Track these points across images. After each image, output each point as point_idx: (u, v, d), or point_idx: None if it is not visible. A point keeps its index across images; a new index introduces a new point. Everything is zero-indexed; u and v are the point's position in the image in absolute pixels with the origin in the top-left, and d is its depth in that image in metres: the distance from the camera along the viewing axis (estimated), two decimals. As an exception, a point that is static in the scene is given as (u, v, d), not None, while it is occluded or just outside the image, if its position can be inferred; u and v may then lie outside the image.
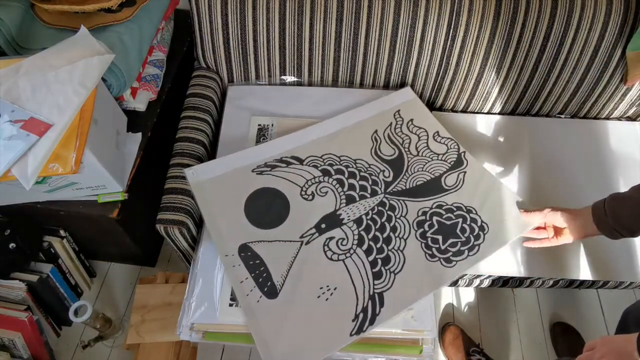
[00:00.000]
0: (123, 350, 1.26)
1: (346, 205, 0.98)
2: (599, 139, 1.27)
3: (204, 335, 0.88)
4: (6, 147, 0.82)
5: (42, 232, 1.19)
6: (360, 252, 0.92)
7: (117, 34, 1.03)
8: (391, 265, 0.91)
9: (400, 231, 0.96)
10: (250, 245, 0.92)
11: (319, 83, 1.23)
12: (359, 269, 0.90)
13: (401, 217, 0.98)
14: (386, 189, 1.02)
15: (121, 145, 1.07)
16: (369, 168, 1.05)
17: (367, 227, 0.95)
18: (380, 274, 0.90)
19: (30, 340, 1.14)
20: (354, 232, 0.95)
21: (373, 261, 0.91)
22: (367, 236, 0.94)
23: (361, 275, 0.89)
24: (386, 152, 1.08)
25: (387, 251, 0.93)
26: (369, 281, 0.89)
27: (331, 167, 1.04)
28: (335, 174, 1.03)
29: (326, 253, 0.92)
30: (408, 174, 1.04)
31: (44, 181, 0.92)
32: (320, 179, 1.02)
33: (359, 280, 0.89)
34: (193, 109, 1.14)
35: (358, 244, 0.93)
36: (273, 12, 1.08)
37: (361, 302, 0.86)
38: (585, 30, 1.10)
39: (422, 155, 1.08)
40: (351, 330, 0.83)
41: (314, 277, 0.89)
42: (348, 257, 0.91)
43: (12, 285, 1.13)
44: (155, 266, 1.45)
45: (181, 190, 1.00)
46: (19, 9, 1.05)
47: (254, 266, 0.89)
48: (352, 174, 1.03)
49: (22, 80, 0.88)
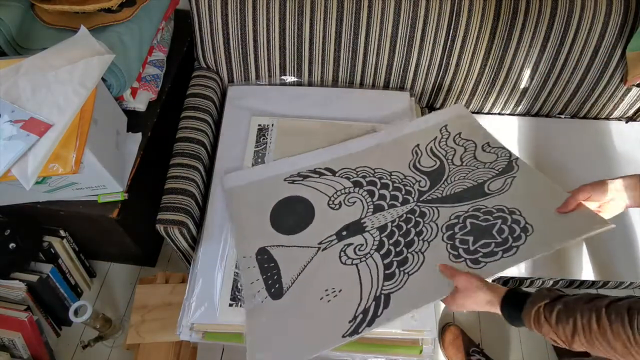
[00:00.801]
0: (123, 350, 1.26)
1: (372, 214, 0.95)
2: (599, 139, 1.27)
3: (203, 335, 0.89)
4: (6, 147, 0.82)
5: (42, 232, 1.19)
6: (376, 256, 0.89)
7: (117, 34, 1.03)
8: (407, 267, 0.86)
9: (426, 234, 0.90)
10: (269, 249, 0.92)
11: (319, 83, 1.23)
12: (371, 271, 0.87)
13: (430, 222, 0.92)
14: (419, 197, 0.97)
15: (121, 145, 1.07)
16: (405, 179, 1.01)
17: (391, 233, 0.92)
18: (392, 275, 0.85)
19: (30, 340, 1.14)
20: (375, 238, 0.91)
21: (388, 264, 0.87)
22: (388, 241, 0.91)
23: (371, 277, 0.86)
24: (426, 164, 1.04)
25: (407, 253, 0.88)
26: (378, 283, 0.85)
27: (364, 179, 1.02)
28: (366, 185, 1.00)
29: (341, 258, 0.90)
30: (447, 183, 0.99)
31: (44, 181, 0.92)
32: (350, 190, 1.00)
33: (367, 282, 0.85)
34: (193, 109, 1.14)
35: (377, 249, 0.90)
36: (273, 12, 1.08)
37: (364, 303, 0.83)
38: (585, 31, 1.10)
39: (466, 165, 1.02)
40: (345, 331, 0.80)
41: (322, 281, 0.87)
42: (362, 262, 0.88)
43: (12, 285, 1.13)
44: (155, 266, 1.45)
45: (181, 190, 1.00)
46: (19, 9, 1.05)
47: (268, 269, 0.90)
48: (385, 185, 1.00)
49: (22, 80, 0.88)
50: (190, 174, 1.03)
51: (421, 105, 1.30)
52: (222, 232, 0.98)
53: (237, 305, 0.89)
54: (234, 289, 0.91)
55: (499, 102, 1.27)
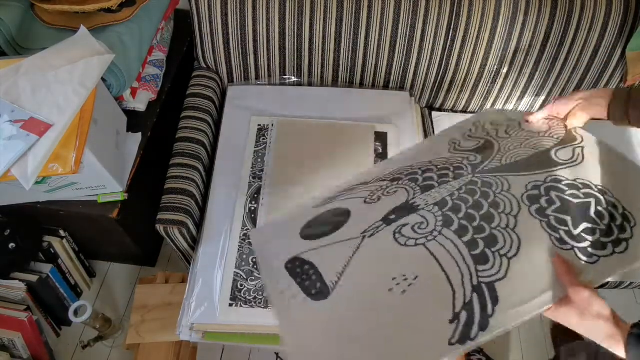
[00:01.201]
0: (123, 350, 1.26)
1: (422, 194, 0.74)
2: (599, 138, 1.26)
3: (204, 335, 0.89)
4: (6, 147, 0.82)
5: (42, 232, 1.19)
6: (448, 232, 0.66)
7: (117, 34, 1.03)
8: (500, 247, 0.63)
9: (504, 207, 0.67)
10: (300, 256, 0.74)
11: (319, 83, 1.23)
12: (451, 252, 0.63)
13: (502, 192, 0.69)
14: (475, 169, 0.75)
15: (121, 145, 1.07)
16: (450, 159, 0.79)
17: (455, 207, 0.69)
18: (485, 257, 0.62)
19: (30, 340, 1.14)
20: (437, 215, 0.69)
21: (470, 242, 0.64)
22: (456, 216, 0.68)
23: (455, 259, 0.62)
24: (468, 145, 0.83)
25: (490, 230, 0.65)
26: (467, 266, 0.61)
27: (401, 174, 0.81)
28: (406, 177, 0.80)
29: (398, 240, 0.67)
30: (502, 153, 0.77)
31: (44, 181, 0.92)
32: (388, 185, 0.80)
33: (451, 265, 0.62)
34: (193, 109, 1.14)
35: (444, 225, 0.67)
36: (273, 12, 1.08)
37: (460, 294, 0.59)
38: (585, 31, 1.10)
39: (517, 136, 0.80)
40: (451, 335, 0.56)
41: (381, 268, 0.67)
42: (431, 241, 0.65)
43: (12, 285, 1.13)
44: (155, 266, 1.45)
45: (181, 190, 1.00)
46: (19, 9, 1.05)
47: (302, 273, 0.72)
48: (428, 170, 0.79)
49: (22, 80, 0.88)
50: (190, 174, 1.03)
51: (421, 105, 1.30)
52: (222, 232, 0.98)
53: (237, 305, 0.89)
54: (234, 289, 0.91)
55: (499, 102, 1.27)
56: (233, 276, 0.93)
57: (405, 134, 1.14)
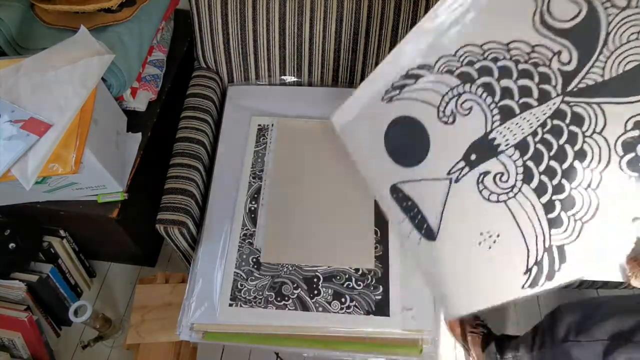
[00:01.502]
0: (123, 350, 1.26)
1: (501, 124, 0.69)
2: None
3: (204, 335, 0.89)
4: (6, 147, 0.82)
5: (42, 232, 1.19)
6: (527, 190, 0.67)
7: (117, 34, 1.04)
8: (577, 211, 0.63)
9: (591, 159, 0.61)
10: (400, 187, 0.81)
11: (319, 83, 1.23)
12: (528, 214, 0.68)
13: (593, 134, 0.61)
14: (565, 85, 0.62)
15: (121, 145, 1.07)
16: (532, 53, 0.65)
17: (536, 155, 0.66)
18: (559, 221, 0.65)
19: (30, 340, 1.14)
20: (517, 163, 0.68)
21: (548, 204, 0.66)
22: (536, 168, 0.66)
23: (531, 221, 0.68)
24: (561, 15, 0.62)
25: (570, 190, 0.63)
26: (542, 230, 0.67)
27: (471, 67, 0.71)
28: (479, 77, 0.70)
29: (482, 192, 0.72)
30: (608, 50, 0.58)
31: (44, 181, 0.92)
32: (459, 90, 0.73)
33: (528, 227, 0.68)
34: (193, 109, 1.14)
35: (524, 180, 0.68)
36: (273, 12, 1.08)
37: (533, 254, 0.68)
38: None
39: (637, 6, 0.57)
40: (523, 283, 0.69)
41: (471, 221, 0.74)
42: (511, 198, 0.69)
43: (12, 285, 1.13)
44: (155, 266, 1.44)
45: (181, 190, 1.00)
46: (19, 9, 1.05)
47: (407, 208, 0.80)
48: (505, 69, 0.68)
49: (22, 80, 0.88)
50: (190, 174, 1.03)
51: (421, 105, 1.30)
52: (222, 232, 0.98)
53: (237, 305, 0.89)
54: (234, 289, 0.92)
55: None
56: (233, 276, 0.93)
57: (405, 134, 1.14)
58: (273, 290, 0.92)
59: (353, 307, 0.90)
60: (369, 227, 0.99)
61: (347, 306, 0.90)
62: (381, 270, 0.94)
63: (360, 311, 0.90)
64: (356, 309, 0.90)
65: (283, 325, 0.89)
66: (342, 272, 0.94)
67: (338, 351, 0.88)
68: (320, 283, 0.93)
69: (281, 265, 0.95)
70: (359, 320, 0.89)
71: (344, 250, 0.97)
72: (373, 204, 1.01)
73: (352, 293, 0.92)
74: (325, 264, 0.95)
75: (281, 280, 0.93)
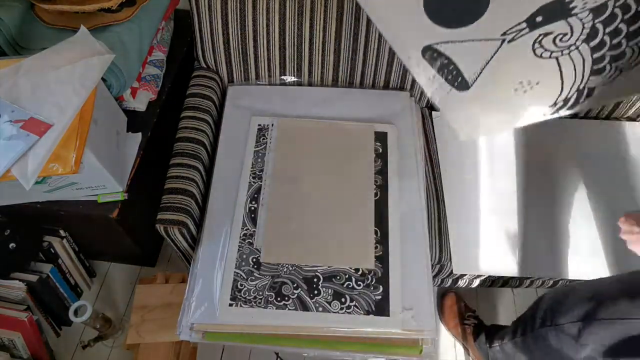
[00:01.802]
0: (123, 350, 1.26)
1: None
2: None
3: (204, 335, 0.89)
4: (6, 147, 0.82)
5: (42, 232, 1.19)
6: (584, 48, 0.67)
7: (117, 34, 1.03)
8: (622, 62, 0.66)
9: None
10: (436, 47, 0.74)
11: (319, 83, 1.23)
12: (575, 66, 0.69)
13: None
14: None
15: (121, 145, 1.07)
16: None
17: (610, 18, 0.64)
18: (602, 70, 0.68)
19: (30, 340, 1.14)
20: (586, 25, 0.66)
21: (599, 58, 0.67)
22: (603, 29, 0.65)
23: (575, 71, 0.69)
24: None
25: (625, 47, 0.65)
26: (582, 77, 0.70)
27: None
28: None
29: (535, 50, 0.70)
30: None
31: (44, 181, 0.92)
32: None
33: (570, 75, 0.70)
34: (193, 109, 1.14)
35: (586, 40, 0.66)
36: (273, 12, 1.08)
37: (565, 93, 0.71)
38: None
39: None
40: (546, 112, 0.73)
41: (514, 73, 0.73)
42: (565, 55, 0.68)
43: (12, 285, 1.13)
44: (155, 266, 1.45)
45: (181, 190, 1.00)
46: (19, 9, 1.05)
47: (442, 66, 0.75)
48: None
49: (22, 80, 0.88)
50: (190, 174, 1.03)
51: (421, 105, 1.30)
52: (222, 232, 0.98)
53: (237, 305, 0.89)
54: (234, 289, 0.92)
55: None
56: (233, 276, 0.93)
57: (405, 134, 1.14)
58: (273, 290, 0.92)
59: (353, 307, 0.90)
60: (369, 227, 0.99)
61: (347, 306, 0.91)
62: (381, 270, 0.94)
63: (360, 311, 0.90)
64: (356, 309, 0.90)
65: (283, 325, 0.89)
66: (342, 272, 0.94)
67: (338, 351, 0.88)
68: (320, 283, 0.93)
69: (281, 265, 0.95)
70: (358, 320, 0.89)
71: (344, 250, 0.97)
72: (373, 204, 1.02)
73: (352, 293, 0.92)
74: (325, 264, 0.95)
75: (281, 280, 0.93)
